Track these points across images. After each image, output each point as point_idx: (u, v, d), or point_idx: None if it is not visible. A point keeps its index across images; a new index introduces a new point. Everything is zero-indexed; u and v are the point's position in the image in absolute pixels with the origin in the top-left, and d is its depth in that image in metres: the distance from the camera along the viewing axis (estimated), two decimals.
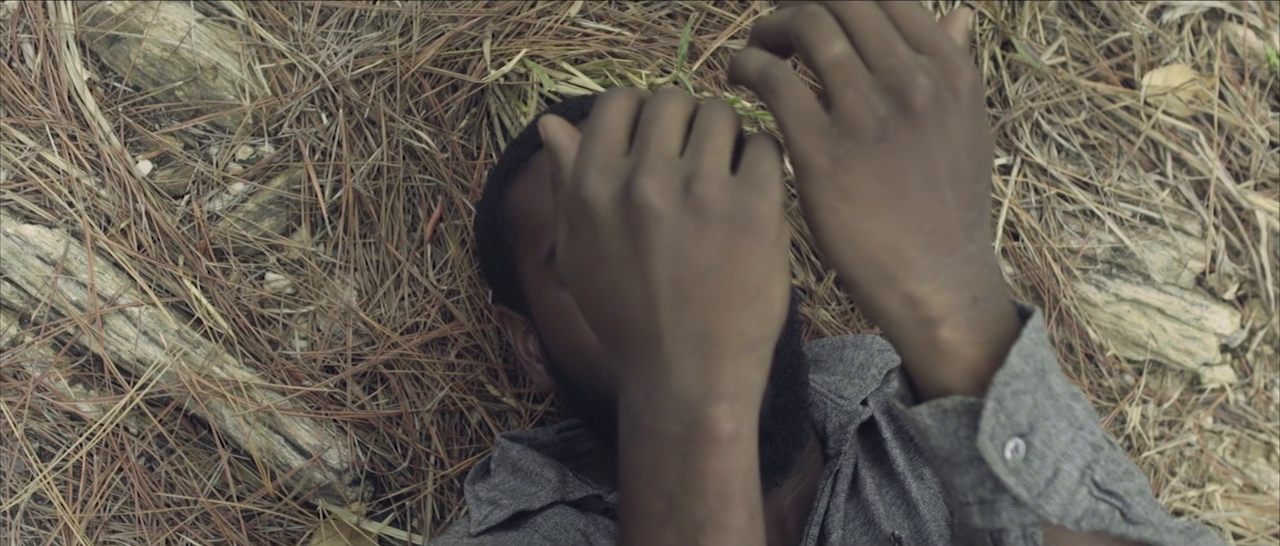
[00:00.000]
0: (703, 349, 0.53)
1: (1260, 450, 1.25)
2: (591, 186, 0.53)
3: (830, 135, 0.52)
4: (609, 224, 0.52)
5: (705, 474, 0.54)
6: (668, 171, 0.51)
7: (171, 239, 1.07)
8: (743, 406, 0.54)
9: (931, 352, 0.55)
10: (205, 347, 1.07)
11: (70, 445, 1.06)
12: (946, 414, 0.56)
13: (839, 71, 0.52)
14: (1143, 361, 1.21)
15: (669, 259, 0.52)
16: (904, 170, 0.53)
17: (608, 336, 0.57)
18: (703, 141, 0.52)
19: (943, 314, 0.55)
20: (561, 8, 1.11)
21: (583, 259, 0.54)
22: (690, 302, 0.52)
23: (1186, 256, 1.20)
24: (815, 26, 0.52)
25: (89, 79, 1.08)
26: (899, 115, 0.52)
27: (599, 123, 0.54)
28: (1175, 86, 1.19)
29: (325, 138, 1.10)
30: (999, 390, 0.54)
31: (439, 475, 1.10)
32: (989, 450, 0.54)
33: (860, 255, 0.54)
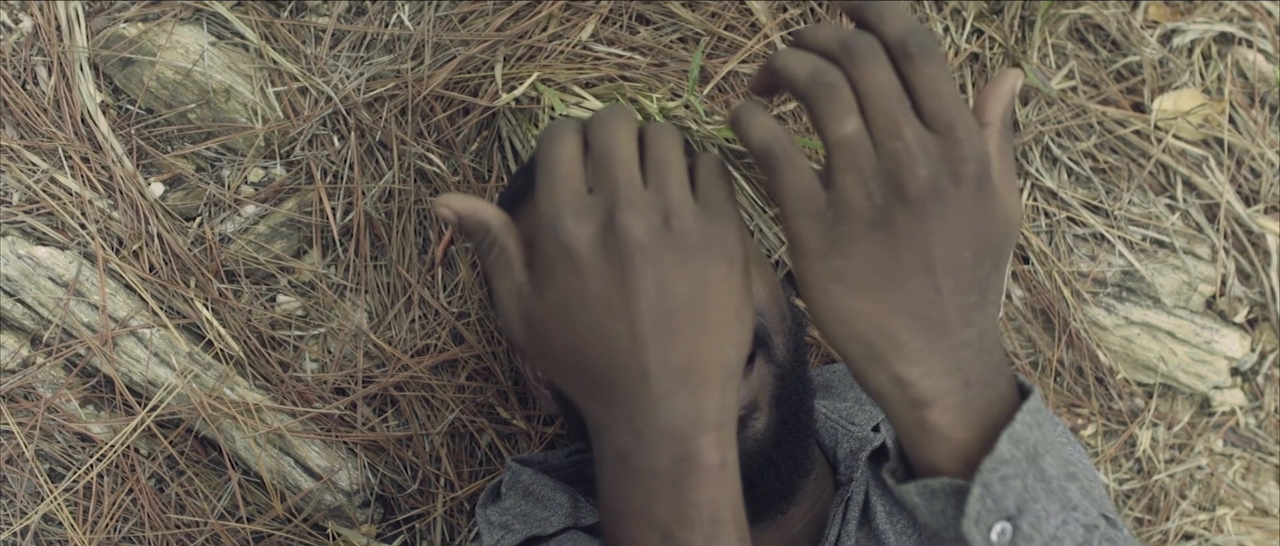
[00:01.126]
0: (690, 381, 0.53)
1: (1271, 473, 1.25)
2: (570, 229, 0.52)
3: (825, 217, 0.52)
4: (592, 264, 0.52)
5: (698, 505, 0.54)
6: (646, 205, 0.52)
7: (183, 261, 1.08)
8: (726, 434, 0.55)
9: (921, 433, 0.56)
10: (216, 369, 1.07)
11: (81, 466, 1.06)
12: (934, 494, 0.56)
13: (844, 152, 0.51)
14: (1153, 384, 1.21)
15: (654, 293, 0.52)
16: (898, 257, 0.53)
17: (587, 382, 0.56)
18: (665, 172, 0.52)
19: (932, 397, 0.55)
20: (573, 32, 1.11)
21: (559, 306, 0.54)
22: (675, 335, 0.53)
23: (1197, 280, 1.20)
24: (830, 101, 0.51)
25: (102, 101, 1.09)
26: (895, 202, 0.51)
27: (555, 164, 0.53)
28: (1185, 110, 1.19)
29: (337, 160, 1.10)
30: (986, 476, 0.54)
31: (449, 497, 1.10)
32: (973, 534, 0.54)
33: (850, 333, 0.55)
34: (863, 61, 0.51)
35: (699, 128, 1.08)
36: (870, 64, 0.51)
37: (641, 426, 0.54)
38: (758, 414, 0.83)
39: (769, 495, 0.85)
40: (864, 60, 0.51)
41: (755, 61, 1.13)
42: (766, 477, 0.83)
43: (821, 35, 0.52)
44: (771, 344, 0.84)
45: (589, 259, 0.52)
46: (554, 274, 0.53)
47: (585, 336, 0.54)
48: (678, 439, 0.54)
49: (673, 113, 1.08)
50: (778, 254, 1.15)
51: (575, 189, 0.53)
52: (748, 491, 0.81)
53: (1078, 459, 0.91)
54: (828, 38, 0.52)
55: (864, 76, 0.51)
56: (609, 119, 0.54)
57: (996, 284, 0.56)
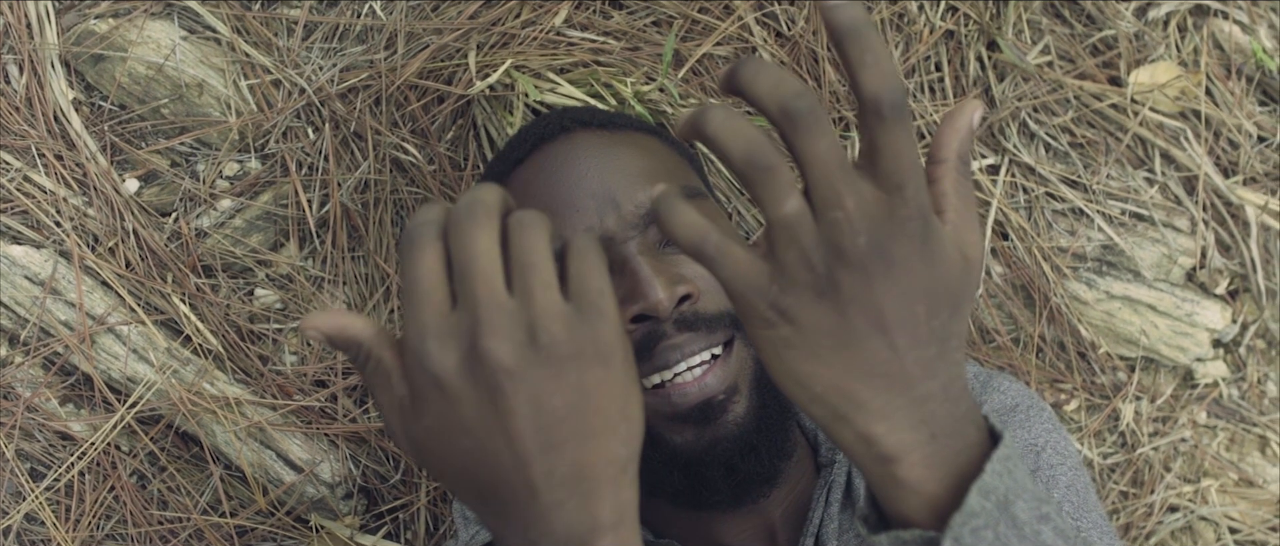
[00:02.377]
0: (580, 488, 0.52)
1: (1255, 444, 1.25)
2: (435, 357, 0.50)
3: (770, 291, 0.51)
4: (462, 391, 0.51)
5: None
6: (509, 323, 0.50)
7: (159, 256, 1.07)
8: (625, 531, 0.54)
9: (892, 486, 0.55)
10: (195, 364, 1.07)
11: (62, 465, 1.06)
12: (905, 545, 0.56)
13: (784, 231, 0.50)
14: (1135, 358, 1.21)
15: (530, 412, 0.50)
16: (847, 321, 0.52)
17: (475, 497, 0.55)
18: (529, 277, 0.50)
19: (899, 452, 0.54)
20: (546, 17, 1.11)
21: (437, 429, 0.52)
22: (558, 447, 0.51)
23: (1176, 252, 1.20)
24: (768, 184, 0.49)
25: (74, 98, 1.08)
26: (839, 268, 0.50)
27: (414, 283, 0.51)
28: (1162, 83, 1.19)
29: (312, 152, 1.10)
30: (956, 530, 0.54)
31: (432, 487, 1.10)
32: None
33: (809, 395, 0.54)
34: (806, 131, 0.48)
35: (674, 111, 1.08)
36: (813, 133, 0.48)
37: (536, 537, 0.53)
38: (738, 397, 0.83)
39: (750, 479, 0.84)
40: (807, 130, 0.48)
41: (730, 44, 1.13)
42: (748, 461, 0.83)
43: (762, 89, 0.49)
44: None
45: (458, 387, 0.50)
46: (427, 400, 0.52)
47: (467, 457, 0.52)
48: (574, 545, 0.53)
49: (647, 96, 1.08)
50: (755, 237, 1.15)
51: (438, 309, 0.51)
52: (729, 476, 0.82)
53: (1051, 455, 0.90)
54: (768, 95, 0.49)
55: (806, 146, 0.49)
56: (467, 223, 0.51)
57: (958, 329, 0.55)
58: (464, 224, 0.50)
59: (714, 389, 0.81)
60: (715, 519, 0.87)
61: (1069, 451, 0.91)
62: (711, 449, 0.81)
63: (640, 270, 0.80)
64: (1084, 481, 0.89)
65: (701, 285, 0.82)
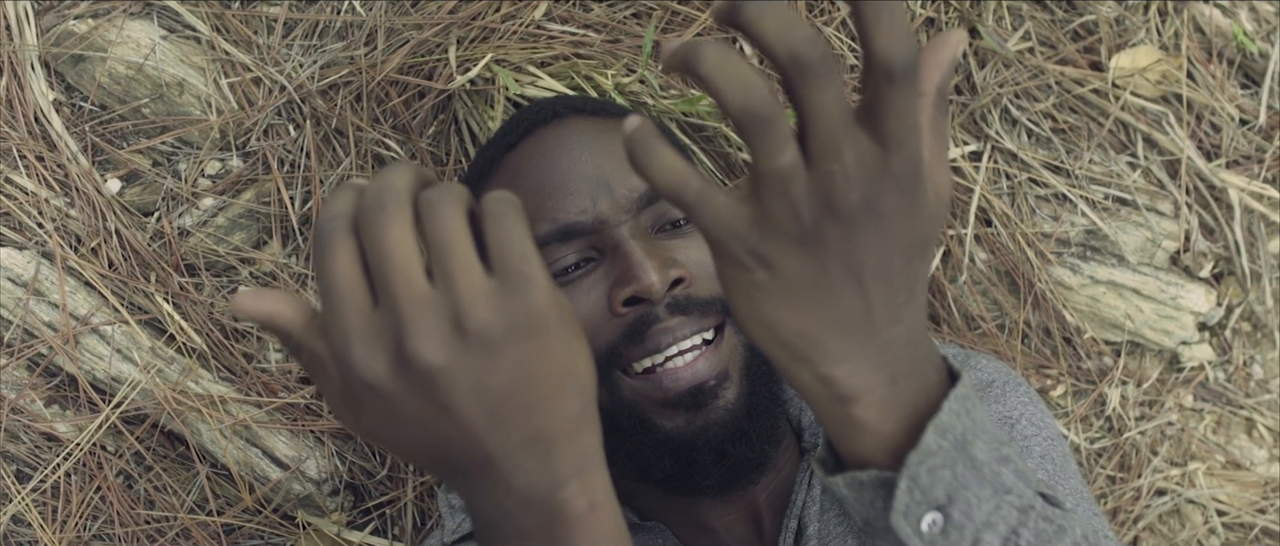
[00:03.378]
0: (537, 450, 0.52)
1: (1242, 426, 1.25)
2: (362, 363, 0.48)
3: (749, 236, 0.50)
4: (397, 393, 0.49)
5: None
6: (432, 319, 0.48)
7: (142, 256, 1.07)
8: (589, 475, 0.54)
9: (847, 427, 0.55)
10: (179, 363, 1.07)
11: (48, 466, 1.06)
12: (862, 486, 0.56)
13: (776, 182, 0.48)
14: (1121, 342, 1.21)
15: (473, 398, 0.49)
16: (826, 271, 0.51)
17: (434, 469, 0.54)
18: (447, 261, 0.48)
19: (857, 393, 0.54)
20: (526, 11, 1.11)
21: (381, 424, 0.51)
22: (507, 419, 0.51)
23: (1160, 236, 1.21)
24: (766, 135, 0.47)
25: (55, 99, 1.08)
26: (827, 221, 0.49)
27: (331, 286, 0.48)
28: (1143, 67, 1.19)
29: (293, 149, 1.10)
30: (913, 469, 0.54)
31: (418, 482, 1.10)
32: (902, 526, 0.54)
33: (773, 337, 0.54)
34: (814, 82, 0.46)
35: (655, 103, 1.08)
36: (822, 84, 0.46)
37: (500, 497, 0.53)
38: (728, 384, 0.83)
39: (740, 465, 0.84)
40: (816, 80, 0.46)
41: (709, 34, 1.13)
42: (738, 447, 0.83)
43: (768, 30, 0.45)
44: None
45: (392, 389, 0.49)
46: (362, 402, 0.50)
47: (417, 443, 0.52)
48: (539, 500, 0.53)
49: (628, 88, 1.08)
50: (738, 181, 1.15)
51: (359, 310, 0.48)
52: (719, 462, 0.82)
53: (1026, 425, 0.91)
54: (776, 38, 0.45)
55: (813, 97, 0.46)
56: (376, 214, 0.48)
57: (925, 272, 0.54)
58: (373, 216, 0.48)
59: (705, 374, 0.82)
60: (703, 504, 0.88)
61: (1046, 423, 0.91)
62: (702, 434, 0.81)
63: (633, 254, 0.80)
64: (1061, 452, 0.89)
65: (694, 270, 0.82)
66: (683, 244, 0.83)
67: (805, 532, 0.86)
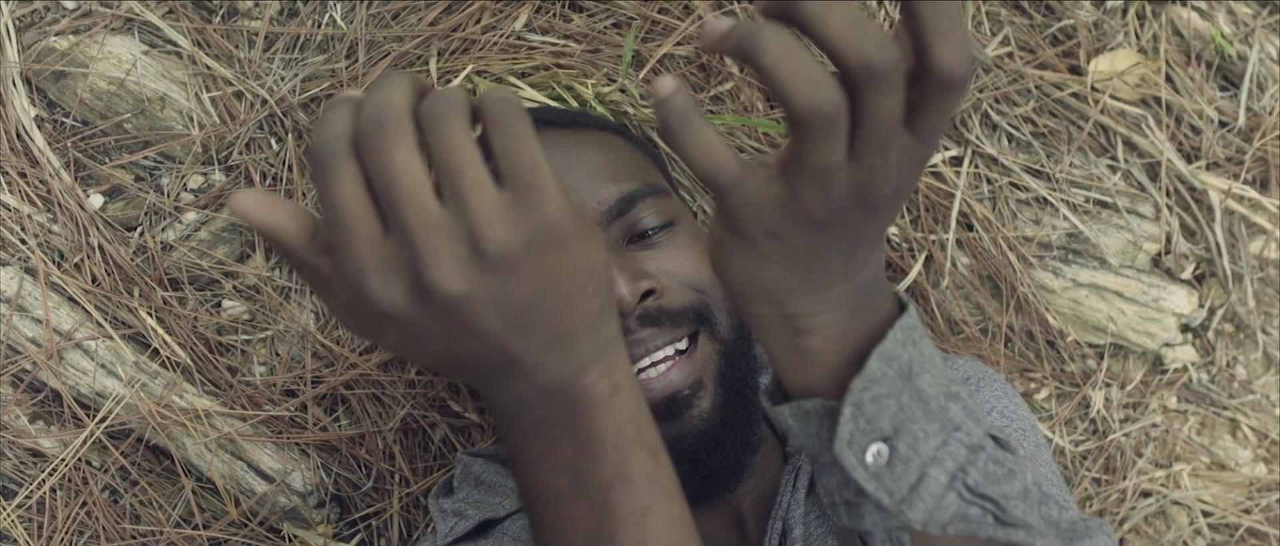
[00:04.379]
0: (559, 345, 0.52)
1: (1226, 427, 1.26)
2: (380, 293, 0.47)
3: (772, 216, 0.50)
4: (417, 318, 0.48)
5: (599, 436, 0.54)
6: (448, 245, 0.45)
7: (126, 271, 1.07)
8: (609, 358, 0.54)
9: (797, 357, 0.56)
10: (164, 377, 1.07)
11: (33, 482, 1.06)
12: (808, 416, 0.56)
13: (822, 176, 0.47)
14: (1104, 345, 1.22)
15: (495, 314, 0.48)
16: (828, 244, 0.52)
17: (459, 376, 0.55)
18: (458, 181, 0.45)
19: (815, 326, 0.55)
20: (506, 22, 1.11)
21: (400, 344, 0.50)
22: (532, 326, 0.50)
23: (1141, 239, 1.21)
24: (826, 136, 0.46)
25: (37, 116, 1.08)
26: (855, 209, 0.50)
27: (339, 214, 0.46)
28: (1122, 71, 1.20)
29: (276, 163, 1.10)
30: (856, 395, 0.54)
31: (404, 493, 1.10)
32: (846, 455, 0.54)
33: (753, 291, 0.55)
34: (882, 89, 0.45)
35: (636, 111, 1.09)
36: (888, 91, 0.45)
37: (524, 391, 0.54)
38: (703, 392, 0.83)
39: (715, 474, 0.85)
40: (885, 88, 0.45)
41: (690, 44, 1.14)
42: (713, 457, 0.83)
43: (835, 30, 0.44)
44: (715, 321, 0.85)
45: (413, 315, 0.47)
46: (381, 326, 0.49)
47: (438, 357, 0.51)
48: (563, 389, 0.53)
49: (608, 97, 1.08)
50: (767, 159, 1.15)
51: (370, 237, 0.46)
52: (694, 471, 0.82)
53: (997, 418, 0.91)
54: (845, 41, 0.44)
55: (877, 103, 0.45)
56: (378, 138, 0.45)
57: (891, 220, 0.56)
58: (374, 139, 0.45)
59: (679, 384, 0.82)
60: None
61: (1018, 415, 0.91)
62: (676, 444, 0.81)
63: None
64: (1034, 441, 0.90)
65: (665, 281, 0.82)
66: (653, 254, 0.84)
67: (790, 535, 0.86)
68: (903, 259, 1.17)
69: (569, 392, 0.53)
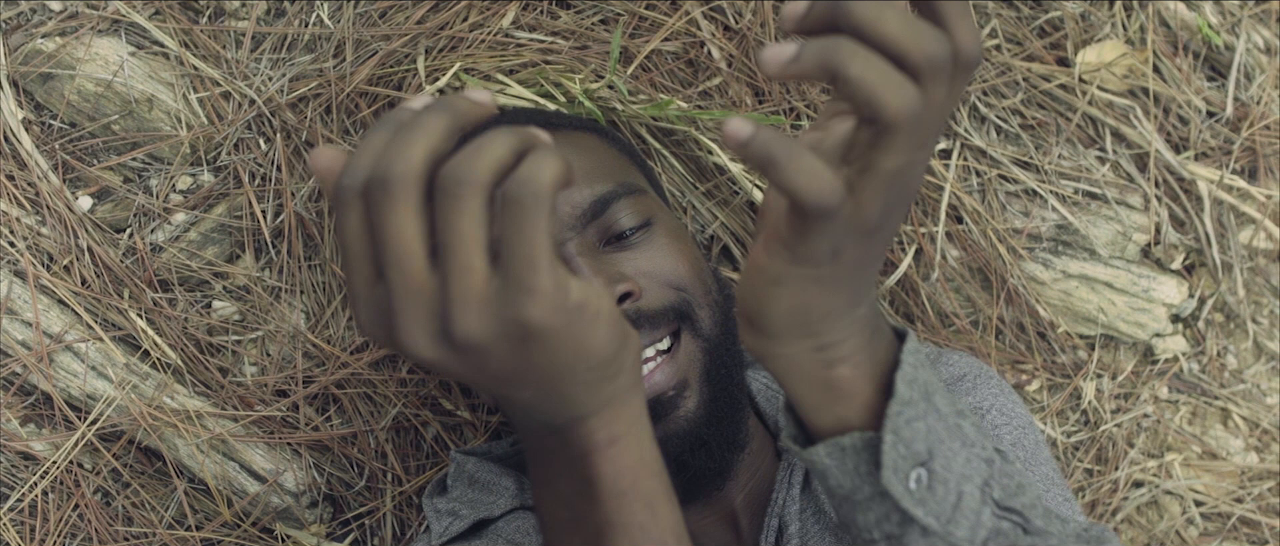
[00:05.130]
0: (551, 398, 0.52)
1: (1217, 416, 1.26)
2: (368, 324, 0.48)
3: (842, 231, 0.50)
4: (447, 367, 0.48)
5: (594, 481, 0.54)
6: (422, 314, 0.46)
7: (115, 273, 1.07)
8: (611, 412, 0.54)
9: (828, 392, 0.56)
10: (155, 379, 1.07)
11: (25, 484, 1.05)
12: (845, 452, 0.56)
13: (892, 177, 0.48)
14: (1094, 336, 1.22)
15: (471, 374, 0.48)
16: (870, 254, 0.53)
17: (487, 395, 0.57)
18: (448, 259, 0.45)
19: (846, 353, 0.55)
20: (494, 20, 1.11)
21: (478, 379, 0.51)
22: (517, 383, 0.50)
23: (1131, 229, 1.21)
24: (911, 137, 0.47)
25: (24, 118, 1.08)
26: (896, 208, 0.51)
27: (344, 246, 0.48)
28: (1109, 62, 1.20)
29: (264, 163, 1.10)
30: (893, 421, 0.54)
31: (397, 492, 1.10)
32: (894, 484, 0.54)
33: (797, 326, 0.55)
34: (941, 80, 0.46)
35: (624, 108, 1.09)
36: (944, 82, 0.47)
37: (525, 419, 0.55)
38: (688, 392, 0.83)
39: (702, 474, 0.84)
40: (943, 78, 0.46)
41: (677, 39, 1.14)
42: (698, 457, 0.83)
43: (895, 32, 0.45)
44: (696, 318, 0.84)
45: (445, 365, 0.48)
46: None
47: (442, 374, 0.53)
48: (560, 430, 0.54)
49: (596, 94, 1.08)
50: (711, 229, 1.15)
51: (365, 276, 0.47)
52: (680, 472, 0.82)
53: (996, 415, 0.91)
54: (907, 41, 0.45)
55: (934, 93, 0.46)
56: (379, 195, 0.45)
57: None
58: (376, 195, 0.45)
59: (663, 385, 0.82)
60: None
61: (1017, 413, 0.92)
62: (662, 445, 0.81)
63: (579, 271, 0.80)
64: (1033, 439, 0.90)
65: (642, 282, 0.82)
66: (630, 256, 0.83)
67: (786, 532, 0.86)
68: (893, 252, 1.17)
69: (565, 435, 0.54)
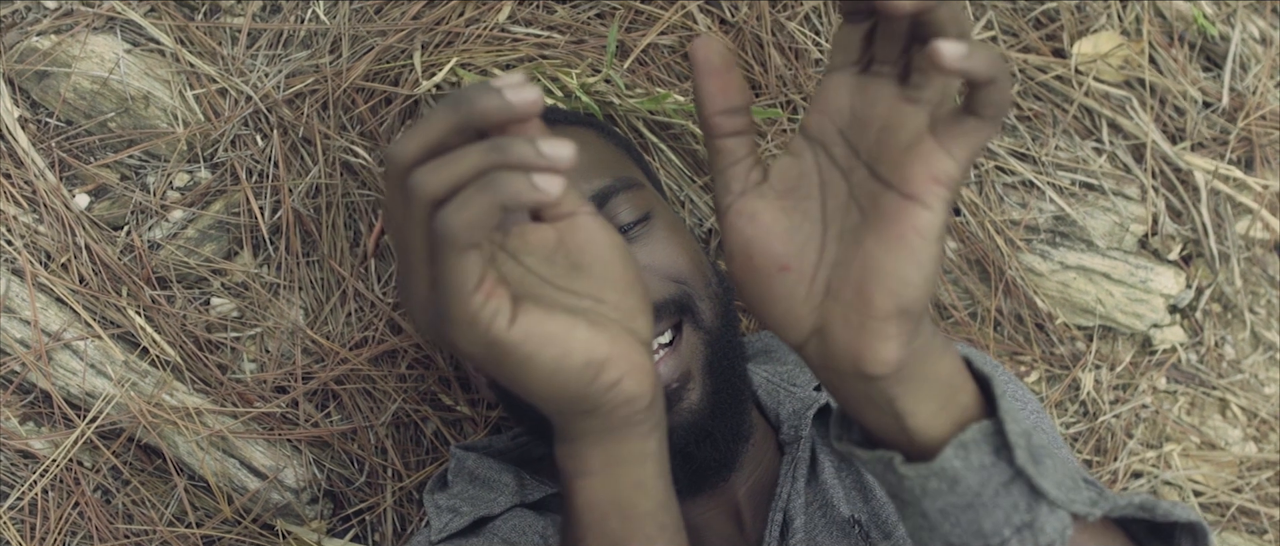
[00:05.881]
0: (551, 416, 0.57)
1: (1215, 407, 1.26)
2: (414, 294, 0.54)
3: None
4: None
5: (570, 506, 0.58)
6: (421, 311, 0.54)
7: (113, 270, 1.07)
8: (583, 447, 0.57)
9: (948, 387, 0.55)
10: (154, 376, 1.07)
11: (24, 483, 1.05)
12: (969, 448, 0.54)
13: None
14: (1092, 327, 1.22)
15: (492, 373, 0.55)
16: None
17: None
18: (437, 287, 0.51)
19: (942, 344, 0.56)
20: (490, 15, 1.11)
21: None
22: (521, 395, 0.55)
23: (1128, 220, 1.21)
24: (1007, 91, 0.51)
25: (20, 116, 1.08)
26: None
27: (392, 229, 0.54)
28: (1105, 53, 1.20)
29: (261, 159, 1.10)
30: (1004, 401, 0.54)
31: (397, 487, 1.10)
32: (1028, 464, 0.54)
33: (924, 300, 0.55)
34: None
35: (621, 102, 1.09)
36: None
37: None
38: (691, 384, 0.82)
39: (707, 465, 0.84)
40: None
41: (673, 33, 1.14)
42: (703, 449, 0.83)
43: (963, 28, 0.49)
44: (697, 311, 0.84)
45: None
46: None
47: None
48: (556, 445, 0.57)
49: (593, 88, 1.08)
50: (708, 223, 1.15)
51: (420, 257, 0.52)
52: (685, 464, 0.82)
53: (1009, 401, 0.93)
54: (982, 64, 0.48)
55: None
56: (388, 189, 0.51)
57: None
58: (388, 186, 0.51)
59: (666, 377, 0.82)
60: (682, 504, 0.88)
61: (1026, 397, 0.92)
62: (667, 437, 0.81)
63: None
64: (1046, 424, 0.91)
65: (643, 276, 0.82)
66: (633, 249, 0.83)
67: (791, 525, 0.86)
68: None
69: (557, 457, 0.58)
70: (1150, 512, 0.59)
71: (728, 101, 0.53)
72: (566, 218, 0.55)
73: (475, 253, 0.48)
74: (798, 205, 0.55)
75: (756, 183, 0.55)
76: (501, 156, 0.47)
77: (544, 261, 0.55)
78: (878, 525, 0.87)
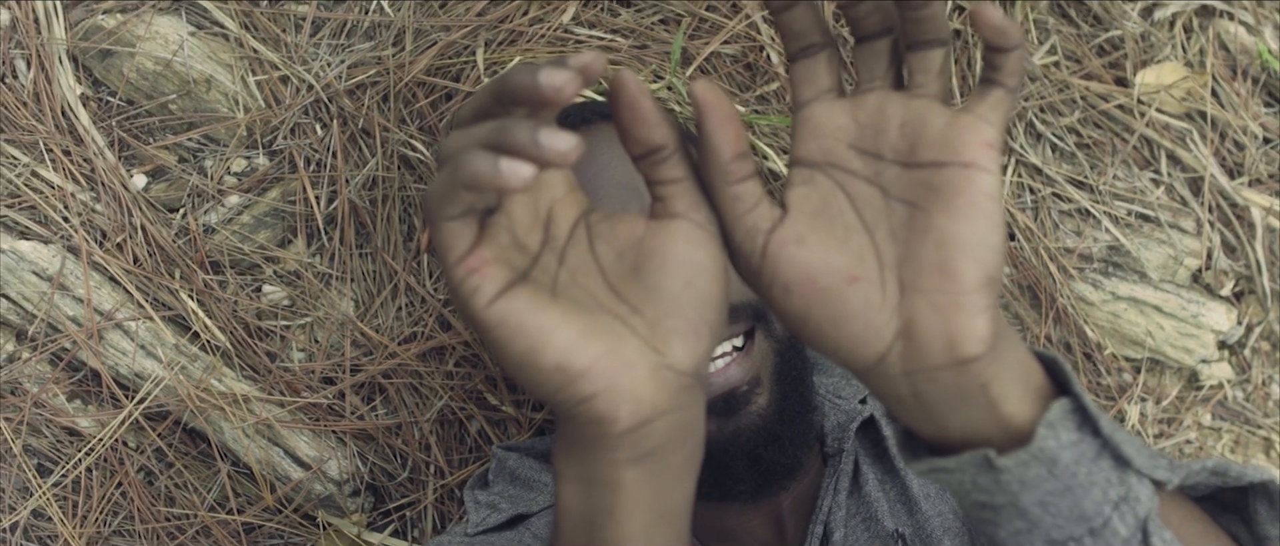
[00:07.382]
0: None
1: (1259, 446, 1.25)
2: None
3: None
4: None
5: (556, 505, 0.55)
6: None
7: (167, 252, 1.07)
8: (562, 448, 0.54)
9: (1026, 371, 0.53)
10: (203, 361, 1.07)
11: (69, 461, 1.05)
12: (1055, 426, 0.52)
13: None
14: (1141, 359, 1.21)
15: None
16: None
17: None
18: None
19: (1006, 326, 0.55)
20: (554, 15, 1.11)
21: None
22: None
23: (1182, 253, 1.21)
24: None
25: (82, 94, 1.08)
26: None
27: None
28: (1168, 84, 1.19)
29: (320, 149, 1.10)
30: (1072, 376, 0.53)
31: (439, 484, 1.10)
32: (1114, 432, 0.52)
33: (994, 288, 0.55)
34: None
35: (681, 110, 1.08)
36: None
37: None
38: (760, 389, 0.83)
39: (774, 470, 0.84)
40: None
41: (737, 42, 1.13)
42: (771, 451, 0.83)
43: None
44: (771, 319, 0.85)
45: None
46: None
47: None
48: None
49: (655, 95, 1.08)
50: None
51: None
52: (753, 467, 0.82)
53: None
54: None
55: None
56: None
57: None
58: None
59: (737, 380, 0.82)
60: (728, 509, 0.88)
61: None
62: (734, 439, 0.81)
63: None
64: None
65: None
66: None
67: (831, 538, 0.86)
68: None
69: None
70: (1222, 475, 0.58)
71: (739, 146, 0.52)
72: (671, 217, 0.53)
73: (459, 224, 0.47)
74: (834, 221, 0.53)
75: (781, 217, 0.53)
76: (501, 136, 0.45)
77: (613, 253, 0.52)
78: (922, 539, 0.87)
